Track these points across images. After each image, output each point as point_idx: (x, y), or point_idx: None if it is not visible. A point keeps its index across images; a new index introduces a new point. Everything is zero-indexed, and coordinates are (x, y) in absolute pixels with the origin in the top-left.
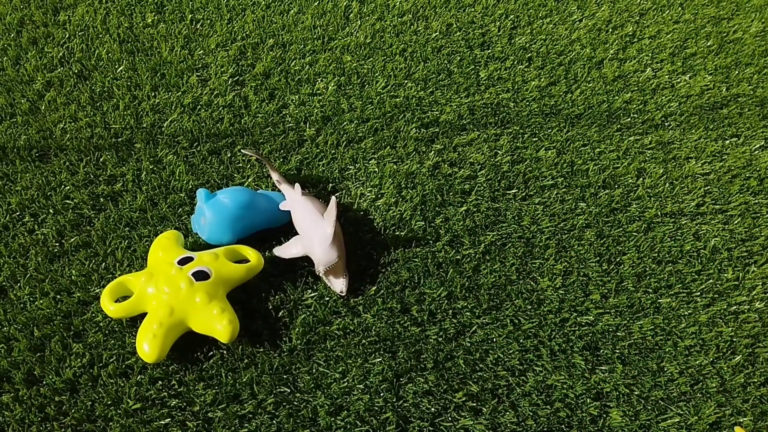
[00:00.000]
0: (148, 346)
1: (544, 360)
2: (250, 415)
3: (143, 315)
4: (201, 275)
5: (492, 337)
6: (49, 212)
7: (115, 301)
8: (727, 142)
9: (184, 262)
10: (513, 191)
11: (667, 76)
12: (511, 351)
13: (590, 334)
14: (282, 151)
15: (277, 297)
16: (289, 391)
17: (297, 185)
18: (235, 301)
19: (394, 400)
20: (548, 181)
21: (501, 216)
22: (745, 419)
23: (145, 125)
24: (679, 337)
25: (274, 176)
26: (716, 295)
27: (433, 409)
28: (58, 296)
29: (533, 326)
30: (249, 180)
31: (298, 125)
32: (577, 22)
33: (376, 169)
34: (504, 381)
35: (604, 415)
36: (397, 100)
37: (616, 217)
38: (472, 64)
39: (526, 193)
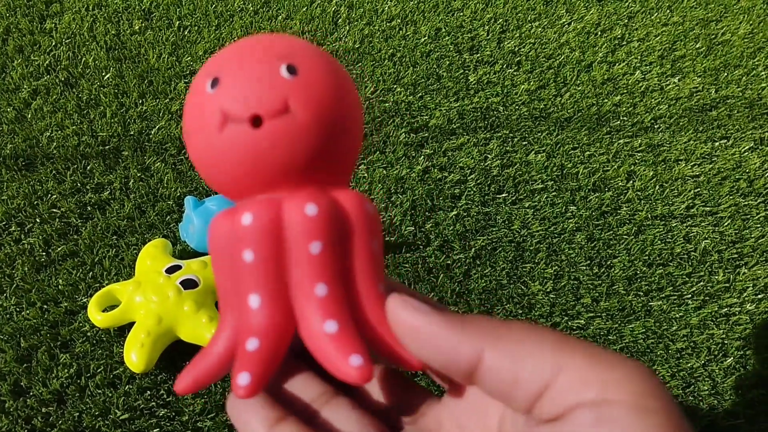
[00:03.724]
0: (135, 355)
1: None
2: None
3: (131, 324)
4: (189, 283)
5: None
6: (36, 221)
7: (103, 311)
8: (717, 144)
9: (172, 270)
10: (503, 195)
11: (656, 79)
12: None
13: (581, 338)
14: None
15: None
16: None
17: None
18: None
19: None
20: (538, 184)
21: (491, 220)
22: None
23: (132, 133)
24: (671, 340)
25: None
26: (707, 298)
27: None
28: (45, 306)
29: None
30: None
31: None
32: (566, 26)
33: (366, 175)
34: None
35: None
36: (386, 105)
37: (607, 220)
38: (461, 68)
39: (516, 197)
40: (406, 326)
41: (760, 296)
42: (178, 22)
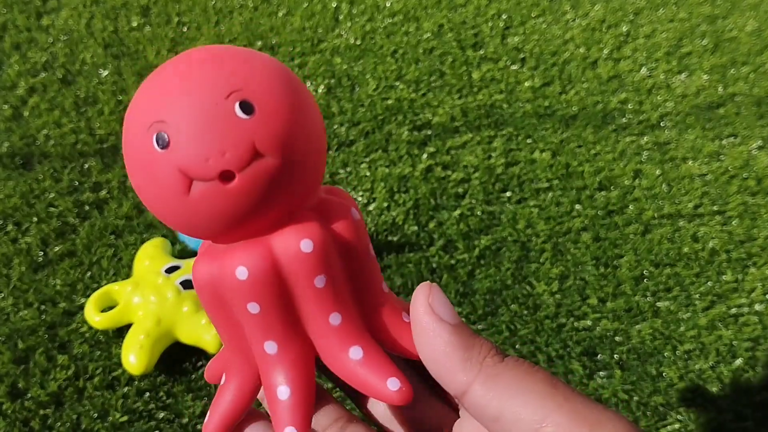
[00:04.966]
0: (134, 357)
1: (542, 366)
2: None
3: (129, 325)
4: (189, 284)
5: None
6: (33, 221)
7: (101, 311)
8: (724, 142)
9: (171, 270)
10: (508, 194)
11: (662, 76)
12: None
13: (588, 339)
14: None
15: None
16: None
17: None
18: None
19: None
20: (543, 183)
21: (496, 220)
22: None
23: None
24: (679, 341)
25: None
26: (715, 298)
27: None
28: (43, 306)
29: (530, 332)
30: None
31: None
32: (571, 22)
33: (368, 173)
34: None
35: None
36: (389, 102)
37: (613, 219)
38: (465, 65)
39: (521, 196)
40: (419, 322)
41: None
42: (176, 19)
